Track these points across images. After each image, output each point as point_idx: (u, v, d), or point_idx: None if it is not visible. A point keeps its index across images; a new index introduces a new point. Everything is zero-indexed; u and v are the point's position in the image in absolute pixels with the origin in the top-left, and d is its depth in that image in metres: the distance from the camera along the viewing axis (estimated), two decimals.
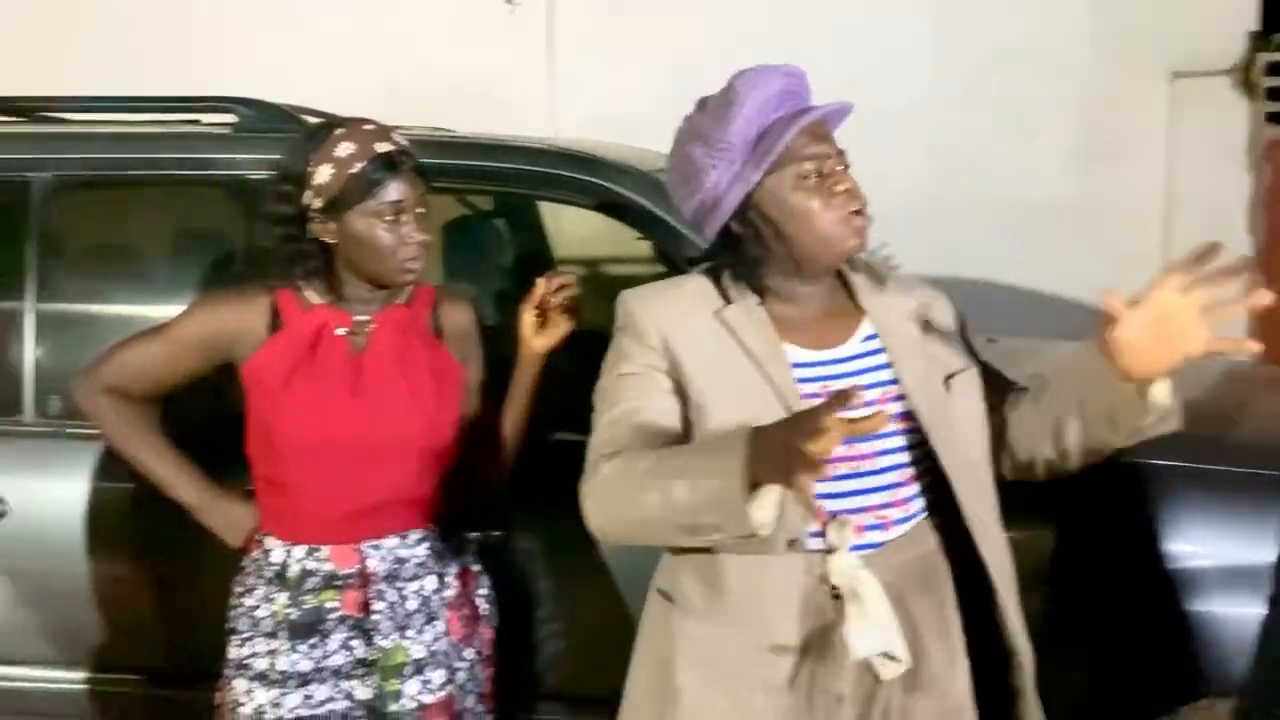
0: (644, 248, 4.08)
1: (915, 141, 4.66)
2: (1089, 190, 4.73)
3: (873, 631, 1.37)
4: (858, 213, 1.44)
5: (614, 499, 1.36)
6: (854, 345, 1.49)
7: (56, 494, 2.16)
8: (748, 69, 1.45)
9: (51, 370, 2.24)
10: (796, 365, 1.45)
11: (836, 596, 1.40)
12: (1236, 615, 1.81)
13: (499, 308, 2.62)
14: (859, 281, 1.54)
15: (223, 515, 1.81)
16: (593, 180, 2.14)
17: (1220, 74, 4.67)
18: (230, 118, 2.29)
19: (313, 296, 1.74)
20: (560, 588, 2.11)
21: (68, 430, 2.19)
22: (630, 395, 1.44)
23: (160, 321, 1.79)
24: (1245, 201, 4.69)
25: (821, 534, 1.41)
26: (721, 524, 1.26)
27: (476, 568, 1.86)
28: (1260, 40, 4.61)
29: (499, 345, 1.89)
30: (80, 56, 4.90)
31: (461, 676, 1.80)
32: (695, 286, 1.51)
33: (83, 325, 2.31)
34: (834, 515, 1.41)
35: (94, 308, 2.34)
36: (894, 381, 1.47)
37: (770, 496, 1.24)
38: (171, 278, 2.39)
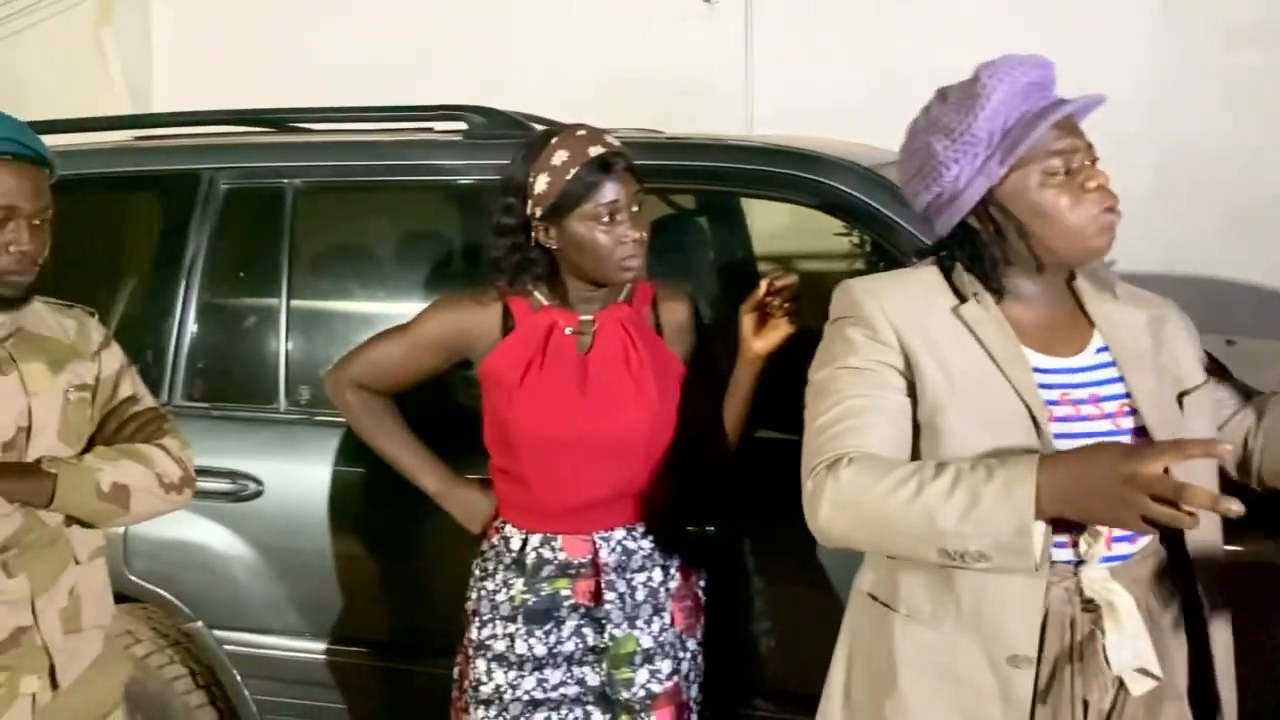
0: (844, 244, 4.06)
1: (1138, 129, 4.42)
2: None
3: (1130, 645, 1.33)
4: (1110, 209, 1.39)
5: (861, 509, 1.31)
6: (1089, 355, 1.44)
7: (305, 476, 2.32)
8: (994, 60, 1.41)
9: (301, 362, 2.40)
10: (1035, 370, 1.41)
11: (1088, 609, 1.36)
12: None
13: (705, 305, 2.66)
14: (1087, 289, 1.49)
15: (463, 503, 1.93)
16: (817, 179, 2.13)
17: None
18: (461, 125, 2.41)
19: (541, 298, 1.83)
20: (765, 583, 2.11)
21: (315, 418, 2.35)
22: (859, 391, 1.39)
23: (395, 318, 1.92)
24: None
25: (1069, 545, 1.37)
26: (993, 556, 1.23)
27: (696, 560, 1.91)
28: None
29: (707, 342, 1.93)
30: (322, 69, 5.21)
31: (685, 667, 1.85)
32: (926, 280, 1.47)
33: (328, 321, 2.47)
34: (1085, 527, 1.36)
35: (337, 305, 2.50)
36: (1126, 395, 1.41)
37: (1040, 528, 1.21)
38: (406, 277, 2.52)
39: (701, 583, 1.92)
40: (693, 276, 2.76)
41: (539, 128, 2.32)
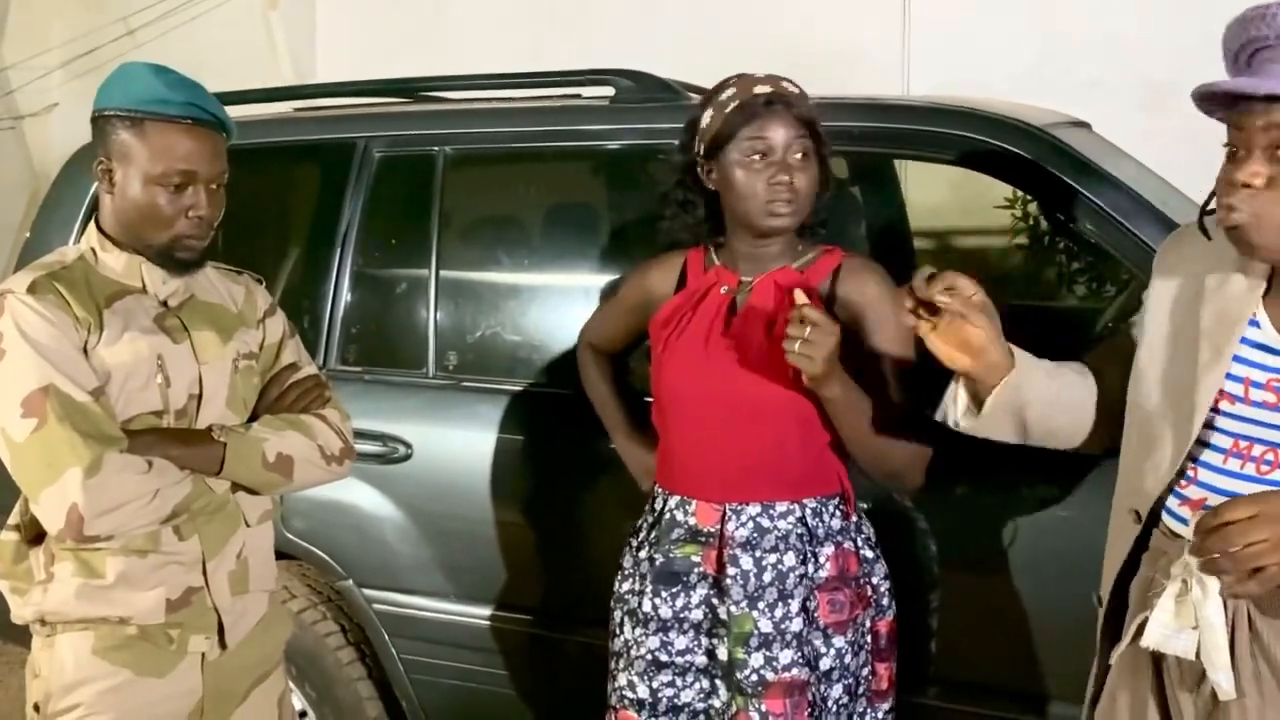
0: (1003, 216, 3.86)
1: None
2: None
3: (1173, 631, 1.33)
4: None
5: None
6: None
7: (451, 440, 2.35)
8: None
9: (449, 328, 2.43)
10: None
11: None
12: None
13: None
14: None
15: (637, 458, 1.97)
16: (985, 139, 2.02)
17: None
18: (609, 90, 2.38)
19: (715, 257, 1.80)
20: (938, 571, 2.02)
21: (462, 383, 2.38)
22: None
23: (541, 287, 2.00)
24: None
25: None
26: None
27: (868, 554, 1.78)
28: None
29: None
30: (478, 44, 5.28)
31: (825, 664, 1.72)
32: None
33: (475, 289, 2.49)
34: (1206, 508, 1.30)
35: (484, 273, 2.51)
36: None
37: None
38: (552, 244, 2.52)
39: (874, 579, 1.78)
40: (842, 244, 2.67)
41: (689, 94, 2.27)
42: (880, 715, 1.80)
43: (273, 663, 1.79)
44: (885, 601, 1.80)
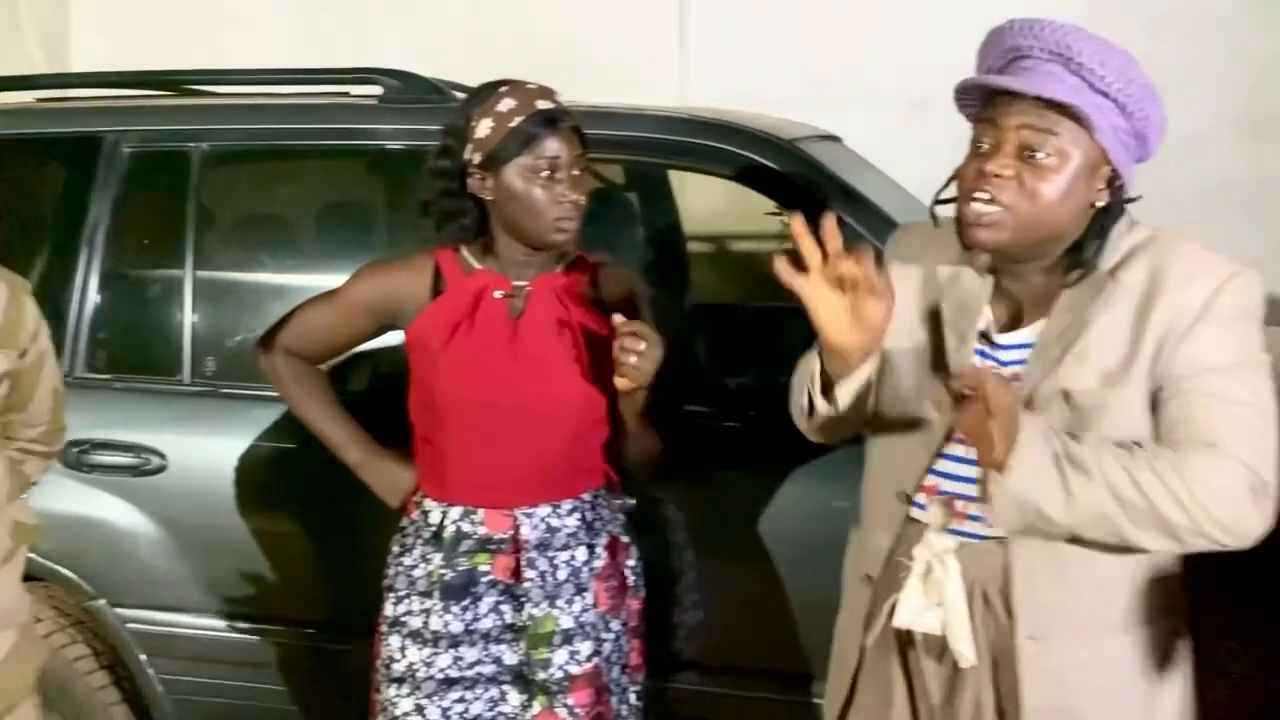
0: (775, 222, 4.05)
1: None
2: (1252, 166, 4.46)
3: (927, 611, 1.43)
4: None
5: None
6: None
7: (211, 450, 2.25)
8: None
9: (206, 333, 2.33)
10: None
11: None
12: None
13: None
14: None
15: (383, 475, 1.86)
16: (734, 150, 2.11)
17: None
18: (377, 89, 2.34)
19: (473, 260, 1.77)
20: (696, 557, 2.11)
21: (222, 390, 2.29)
22: None
23: (305, 288, 1.87)
24: None
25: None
26: None
27: (625, 539, 1.85)
28: None
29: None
30: (247, 33, 5.06)
31: (608, 648, 1.79)
32: None
33: (235, 291, 2.40)
34: (941, 494, 1.43)
35: (245, 274, 2.43)
36: None
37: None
38: (320, 245, 2.46)
39: (630, 562, 1.86)
40: (616, 252, 2.74)
41: (457, 94, 2.27)
42: (636, 689, 1.87)
43: (20, 695, 1.67)
44: (638, 582, 1.87)
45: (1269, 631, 1.77)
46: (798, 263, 1.35)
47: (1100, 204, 1.38)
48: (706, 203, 3.82)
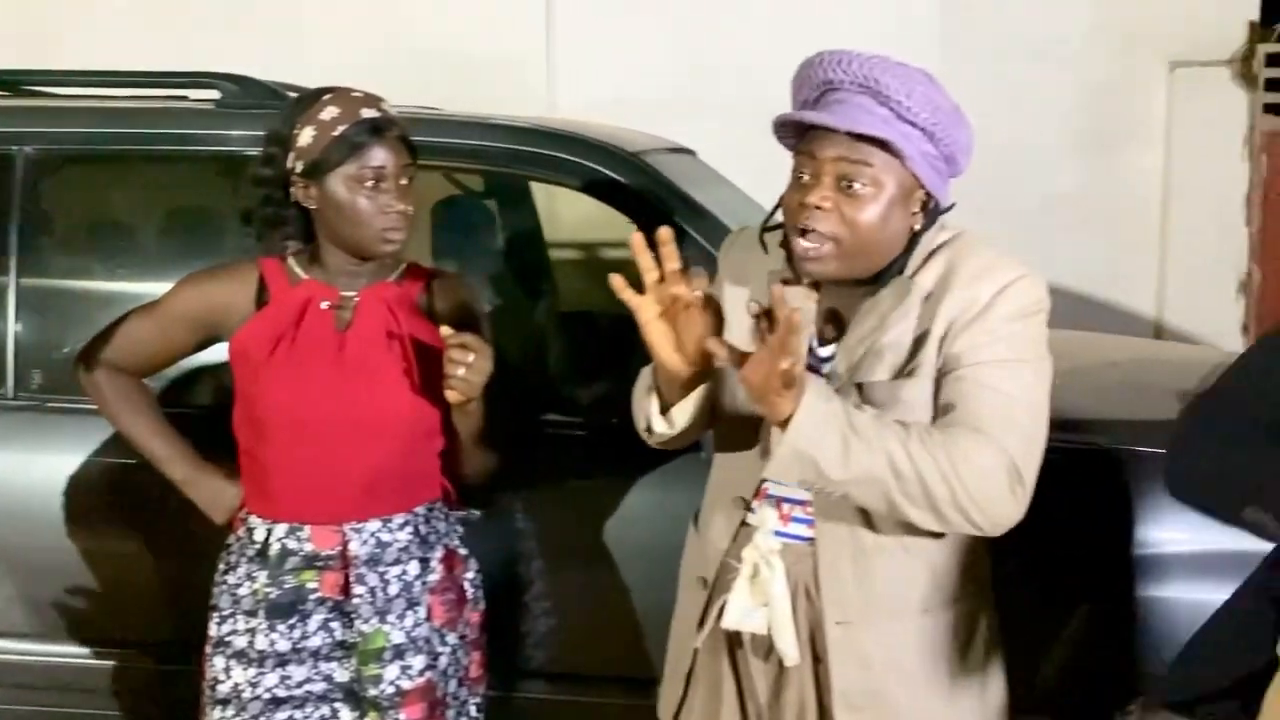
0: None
1: None
2: (1088, 179, 4.71)
3: (754, 611, 1.46)
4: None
5: None
6: None
7: (37, 467, 2.17)
8: None
9: (32, 345, 2.23)
10: None
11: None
12: (1200, 601, 1.80)
13: (488, 290, 2.62)
14: None
15: (209, 491, 1.81)
16: (577, 160, 2.13)
17: (1219, 64, 4.64)
18: (214, 93, 2.29)
19: (299, 270, 1.74)
20: (545, 566, 2.12)
21: (49, 405, 2.20)
22: None
23: (136, 298, 1.80)
24: (1243, 192, 4.67)
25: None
26: None
27: (463, 551, 1.83)
28: (1260, 31, 4.59)
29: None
30: (82, 30, 4.87)
31: (444, 661, 1.77)
32: None
33: (64, 301, 2.30)
34: (770, 496, 1.48)
35: (76, 283, 2.33)
36: None
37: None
38: (154, 253, 2.38)
39: (469, 574, 1.84)
40: (475, 259, 2.73)
41: None
42: (477, 700, 1.86)
43: None
44: (477, 594, 1.86)
45: None
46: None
47: (917, 227, 1.44)
48: (576, 210, 3.84)
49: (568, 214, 3.76)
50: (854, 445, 1.31)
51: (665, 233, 1.36)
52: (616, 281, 1.36)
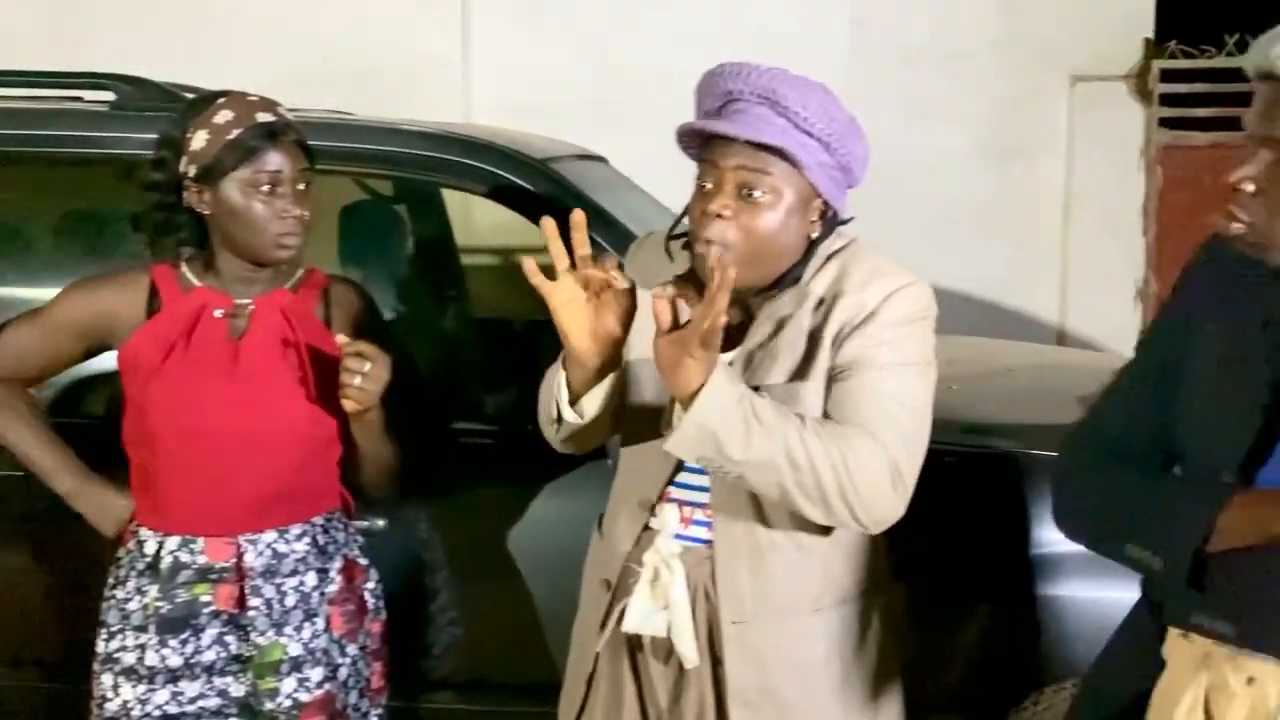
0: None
1: None
2: (992, 189, 4.83)
3: (655, 614, 1.48)
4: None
5: None
6: None
7: None
8: None
9: None
10: None
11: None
12: (1095, 600, 1.87)
13: (397, 296, 2.58)
14: None
15: (96, 504, 1.76)
16: (482, 166, 2.12)
17: (1118, 79, 4.80)
18: (110, 95, 2.22)
19: (193, 277, 1.70)
20: (452, 575, 2.10)
21: None
22: None
23: (33, 303, 1.75)
24: (1140, 203, 4.84)
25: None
26: None
27: (363, 561, 1.81)
28: (1155, 47, 4.76)
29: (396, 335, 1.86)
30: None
31: (343, 673, 1.75)
32: None
33: None
34: (672, 500, 1.50)
35: None
36: None
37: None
38: (47, 258, 2.31)
39: (369, 584, 1.82)
40: (383, 265, 2.69)
41: None
42: (379, 711, 1.84)
43: None
44: (378, 604, 1.84)
45: None
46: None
47: (815, 235, 1.47)
48: (489, 217, 3.81)
49: (482, 220, 3.74)
50: (755, 429, 1.33)
51: (579, 217, 1.37)
52: (529, 265, 1.36)
